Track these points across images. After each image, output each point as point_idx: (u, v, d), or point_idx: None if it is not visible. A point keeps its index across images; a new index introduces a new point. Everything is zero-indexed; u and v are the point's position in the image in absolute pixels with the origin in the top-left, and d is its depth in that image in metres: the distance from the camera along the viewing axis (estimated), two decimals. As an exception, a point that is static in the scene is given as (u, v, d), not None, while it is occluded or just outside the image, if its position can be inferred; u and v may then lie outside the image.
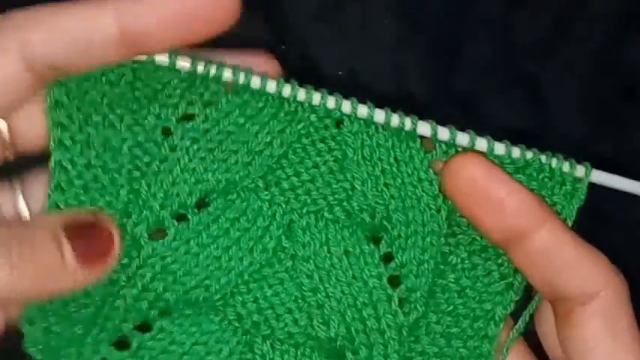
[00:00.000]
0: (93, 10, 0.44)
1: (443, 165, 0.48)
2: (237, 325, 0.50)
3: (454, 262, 0.52)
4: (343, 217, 0.51)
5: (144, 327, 0.50)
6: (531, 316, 0.52)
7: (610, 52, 0.66)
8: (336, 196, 0.51)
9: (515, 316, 0.53)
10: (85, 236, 0.45)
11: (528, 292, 0.52)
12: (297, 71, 0.66)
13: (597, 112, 0.66)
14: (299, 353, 0.50)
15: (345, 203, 0.51)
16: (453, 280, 0.52)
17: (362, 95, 0.66)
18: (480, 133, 0.54)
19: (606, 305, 0.45)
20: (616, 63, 0.66)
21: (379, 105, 0.53)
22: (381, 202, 0.51)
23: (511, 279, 0.52)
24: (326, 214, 0.51)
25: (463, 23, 0.66)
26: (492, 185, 0.46)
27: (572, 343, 0.46)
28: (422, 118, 0.53)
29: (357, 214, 0.51)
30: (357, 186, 0.51)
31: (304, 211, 0.51)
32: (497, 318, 0.52)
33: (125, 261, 0.49)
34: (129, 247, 0.49)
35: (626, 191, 0.52)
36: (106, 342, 0.48)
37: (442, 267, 0.51)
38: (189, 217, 0.50)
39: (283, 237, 0.51)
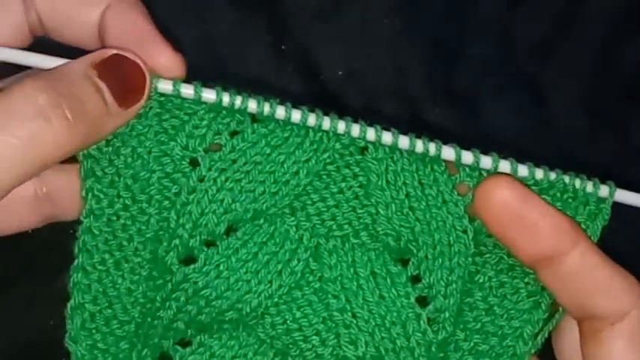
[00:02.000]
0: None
1: (475, 189, 0.48)
2: (270, 342, 0.51)
3: (481, 280, 0.52)
4: (369, 241, 0.52)
5: (184, 343, 0.51)
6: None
7: (610, 52, 0.66)
8: (362, 220, 0.52)
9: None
10: (115, 72, 0.46)
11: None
12: (297, 71, 0.66)
13: (597, 112, 0.66)
14: None
15: (370, 228, 0.52)
16: (480, 299, 0.52)
17: (361, 96, 0.66)
18: (480, 133, 0.54)
19: (635, 325, 0.46)
20: (616, 63, 0.66)
21: (380, 107, 0.52)
22: (406, 225, 0.51)
23: (538, 297, 0.52)
24: (352, 239, 0.52)
25: (463, 23, 0.66)
26: (526, 208, 0.46)
27: None
28: (422, 118, 0.53)
29: (383, 237, 0.52)
30: (381, 210, 0.51)
31: (330, 235, 0.52)
32: (525, 336, 0.51)
33: (160, 282, 0.50)
34: (162, 271, 0.51)
35: None
36: (149, 357, 0.50)
37: (469, 285, 0.52)
38: (218, 243, 0.50)
39: (311, 259, 0.51)
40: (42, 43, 0.48)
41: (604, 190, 0.51)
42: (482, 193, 0.46)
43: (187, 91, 0.49)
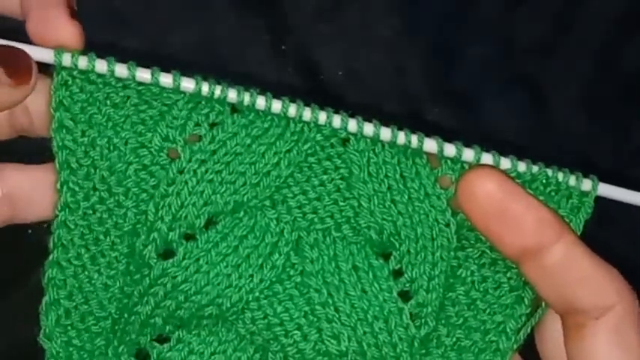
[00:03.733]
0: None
1: (458, 179, 0.47)
2: (250, 338, 0.51)
3: (463, 275, 0.52)
4: (351, 235, 0.51)
5: (162, 339, 0.50)
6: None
7: (610, 52, 0.66)
8: (344, 213, 0.51)
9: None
10: (4, 58, 0.46)
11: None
12: (297, 71, 0.66)
13: (597, 112, 0.66)
14: None
15: (352, 221, 0.51)
16: (462, 293, 0.52)
17: (361, 96, 0.66)
18: (480, 133, 0.54)
19: (619, 320, 0.45)
20: (616, 63, 0.66)
21: (380, 107, 0.52)
22: (388, 218, 0.51)
23: (521, 291, 0.52)
24: (333, 232, 0.51)
25: (463, 23, 0.66)
26: (510, 201, 0.44)
27: (582, 356, 0.46)
28: (422, 118, 0.53)
29: (365, 231, 0.51)
30: (363, 203, 0.51)
31: (311, 229, 0.51)
32: (508, 331, 0.51)
33: (137, 277, 0.50)
34: (140, 265, 0.50)
35: (633, 204, 0.52)
36: (126, 354, 0.49)
37: (452, 280, 0.51)
38: (198, 236, 0.50)
39: (292, 253, 0.51)
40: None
41: (587, 184, 0.51)
42: (466, 184, 0.45)
43: (166, 79, 0.48)
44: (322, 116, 0.50)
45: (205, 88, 0.49)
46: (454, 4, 0.65)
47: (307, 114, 0.50)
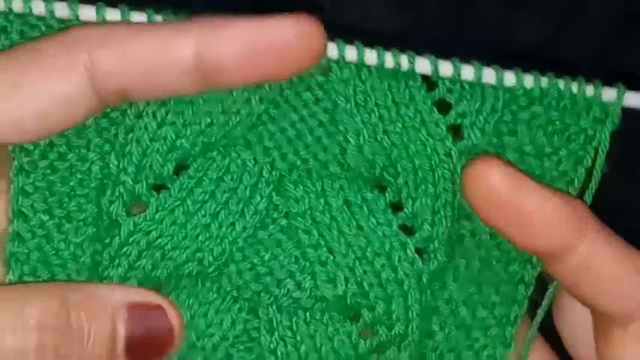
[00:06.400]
0: (171, 35, 0.40)
1: (462, 171, 0.43)
2: (236, 294, 0.46)
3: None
4: (339, 171, 0.46)
5: None
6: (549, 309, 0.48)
7: (610, 52, 0.66)
8: (329, 152, 0.46)
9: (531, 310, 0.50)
10: (144, 326, 0.41)
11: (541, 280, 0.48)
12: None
13: (597, 112, 0.66)
14: (308, 315, 0.46)
15: (339, 159, 0.46)
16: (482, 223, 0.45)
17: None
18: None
19: None
20: (616, 63, 0.66)
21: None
22: (381, 152, 0.46)
23: None
24: (319, 172, 0.46)
25: (463, 23, 0.66)
26: (519, 196, 0.40)
27: (609, 358, 0.43)
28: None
29: (354, 169, 0.46)
30: (351, 139, 0.45)
31: (293, 170, 0.46)
32: (534, 260, 0.46)
33: (107, 240, 0.45)
34: (110, 225, 0.45)
35: None
36: None
37: (469, 210, 0.45)
38: (169, 185, 0.45)
39: (274, 194, 0.46)
40: None
41: (610, 94, 0.46)
42: (469, 178, 0.41)
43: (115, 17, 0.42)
44: None
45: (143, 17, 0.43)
46: (454, 4, 0.65)
47: None
